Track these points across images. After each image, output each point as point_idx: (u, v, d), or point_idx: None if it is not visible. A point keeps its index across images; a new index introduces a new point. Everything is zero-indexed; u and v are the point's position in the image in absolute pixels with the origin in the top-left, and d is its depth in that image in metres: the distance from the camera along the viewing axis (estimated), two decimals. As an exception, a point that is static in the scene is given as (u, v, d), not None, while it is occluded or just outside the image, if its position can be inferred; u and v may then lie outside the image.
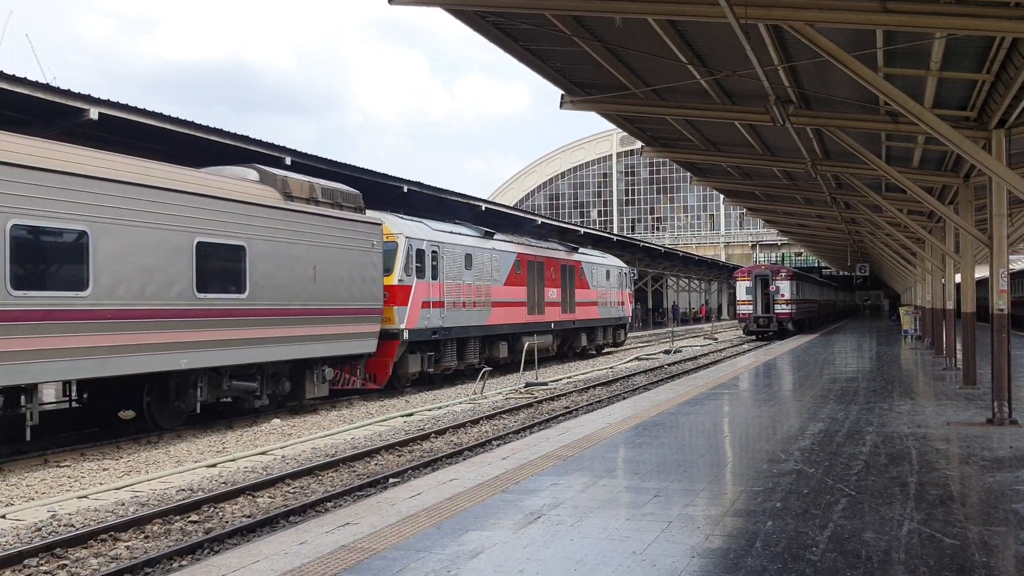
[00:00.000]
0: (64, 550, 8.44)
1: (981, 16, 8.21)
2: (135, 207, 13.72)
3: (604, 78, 12.99)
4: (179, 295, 14.58)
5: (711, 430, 11.64)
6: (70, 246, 12.77)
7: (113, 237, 13.26)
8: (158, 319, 14.14)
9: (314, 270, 17.74)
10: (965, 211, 16.09)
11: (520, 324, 27.85)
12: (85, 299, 12.86)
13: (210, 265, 15.23)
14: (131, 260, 13.62)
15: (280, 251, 16.84)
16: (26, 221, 12.05)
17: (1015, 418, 11.63)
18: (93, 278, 12.94)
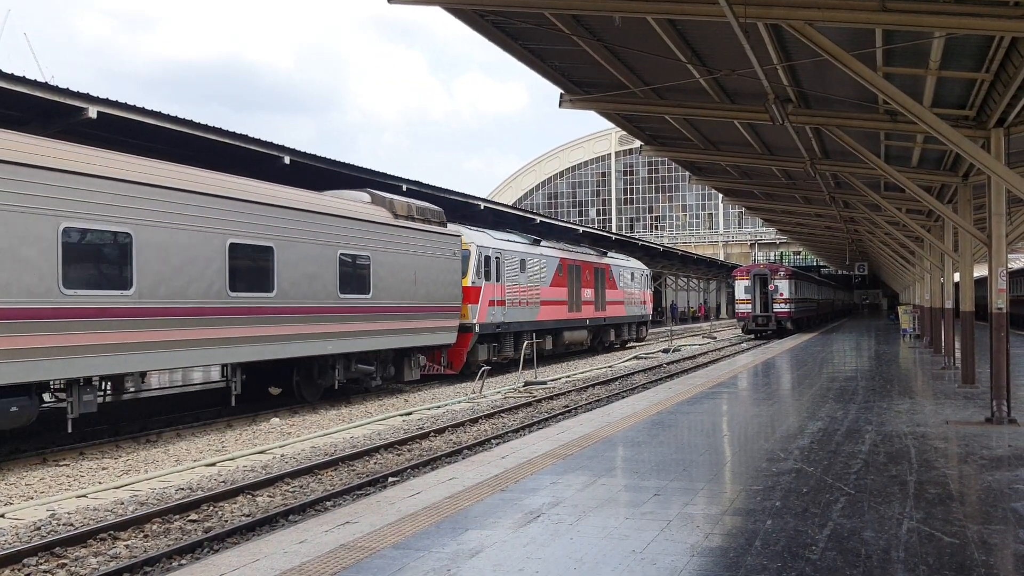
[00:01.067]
0: (63, 549, 8.44)
1: (980, 15, 8.22)
2: (306, 229, 17.80)
3: (603, 77, 12.99)
4: (327, 296, 18.36)
5: (710, 429, 11.64)
6: (263, 262, 16.68)
7: (290, 252, 17.34)
8: (316, 314, 18.06)
9: (415, 275, 21.58)
10: (964, 210, 16.10)
11: (562, 320, 31.69)
12: (273, 299, 16.89)
13: (348, 271, 19.08)
14: (300, 269, 17.63)
15: (392, 260, 20.71)
16: (239, 240, 16.04)
17: (1014, 417, 11.65)
18: (277, 283, 17.04)
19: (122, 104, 16.52)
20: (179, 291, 14.57)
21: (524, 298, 28.31)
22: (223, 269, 15.47)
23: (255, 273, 16.39)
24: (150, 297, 14.04)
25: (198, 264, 14.98)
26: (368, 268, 19.75)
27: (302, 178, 21.85)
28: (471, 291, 24.81)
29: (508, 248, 27.61)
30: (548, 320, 30.29)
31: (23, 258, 12.11)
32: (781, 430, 11.22)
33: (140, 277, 13.88)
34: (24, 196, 12.16)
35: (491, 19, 10.68)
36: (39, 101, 15.25)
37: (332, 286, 18.47)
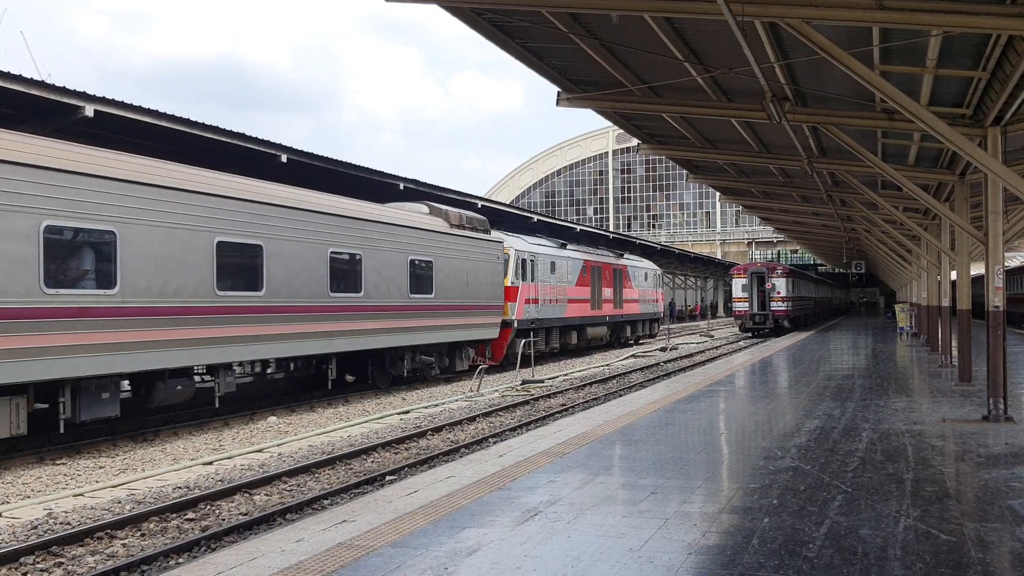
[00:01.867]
0: (60, 548, 8.43)
1: (977, 14, 8.22)
2: (385, 239, 20.75)
3: (601, 75, 12.99)
4: (401, 296, 21.30)
5: (707, 427, 11.65)
6: (354, 267, 19.61)
7: (373, 259, 20.23)
8: (392, 312, 20.95)
9: (467, 277, 24.36)
10: (961, 208, 16.12)
11: (586, 317, 34.54)
12: (361, 299, 19.75)
13: (416, 274, 21.99)
14: (380, 273, 20.40)
15: (449, 264, 23.52)
16: (337, 249, 19.04)
17: (1010, 415, 11.66)
18: (364, 285, 19.81)
19: (119, 103, 16.50)
20: (296, 292, 17.67)
21: (554, 297, 31.22)
22: (326, 273, 18.56)
23: (348, 276, 19.37)
24: (283, 297, 17.28)
25: (308, 270, 18.03)
26: (431, 271, 22.70)
27: (299, 177, 21.83)
28: (510, 291, 27.68)
29: (541, 252, 30.49)
30: (574, 317, 33.13)
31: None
32: (778, 428, 11.23)
33: (269, 278, 16.94)
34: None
35: (489, 17, 10.68)
36: (36, 100, 15.23)
37: (404, 287, 21.50)
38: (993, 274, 11.84)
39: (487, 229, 26.23)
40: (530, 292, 29.08)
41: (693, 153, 19.24)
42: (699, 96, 13.71)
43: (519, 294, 28.17)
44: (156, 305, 14.21)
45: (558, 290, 31.57)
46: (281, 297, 17.18)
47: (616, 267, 38.30)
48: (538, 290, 29.77)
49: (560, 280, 31.74)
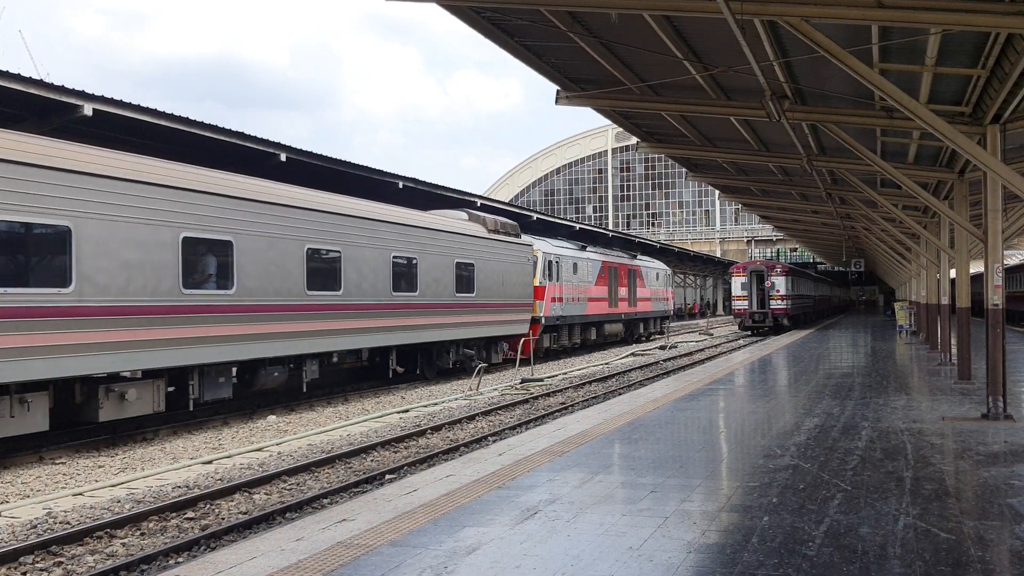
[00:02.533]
0: (60, 547, 8.43)
1: (976, 12, 8.22)
2: (435, 245, 23.17)
3: (600, 74, 12.98)
4: (449, 295, 23.70)
5: (707, 426, 11.65)
6: (412, 269, 22.02)
7: (426, 262, 22.66)
8: (441, 309, 23.39)
9: (502, 277, 26.88)
10: (960, 206, 16.11)
11: (604, 315, 36.84)
12: (416, 297, 22.06)
13: (461, 275, 24.44)
14: (435, 274, 23.11)
15: (488, 266, 26.01)
16: (399, 255, 21.49)
17: (1010, 413, 11.66)
18: (419, 286, 22.41)
19: (117, 101, 16.50)
20: (366, 292, 20.10)
21: (576, 295, 33.54)
22: (389, 275, 21.07)
23: (406, 278, 21.89)
24: (356, 296, 19.67)
25: (375, 273, 20.49)
26: (473, 273, 25.12)
27: (298, 176, 21.82)
28: (538, 290, 30.04)
29: (564, 254, 32.93)
30: (593, 314, 35.52)
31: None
32: (778, 427, 11.23)
33: (346, 280, 19.37)
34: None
35: (488, 16, 10.67)
36: (35, 99, 15.23)
37: (451, 287, 23.90)
38: (992, 272, 11.84)
39: (518, 233, 28.94)
40: (555, 291, 31.44)
41: (692, 151, 19.24)
42: (698, 94, 13.71)
43: (546, 293, 30.53)
44: (262, 303, 16.61)
45: (580, 289, 33.91)
46: (355, 296, 19.57)
47: (631, 267, 40.82)
48: (562, 289, 32.06)
49: (581, 280, 34.10)
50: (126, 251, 13.52)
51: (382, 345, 20.94)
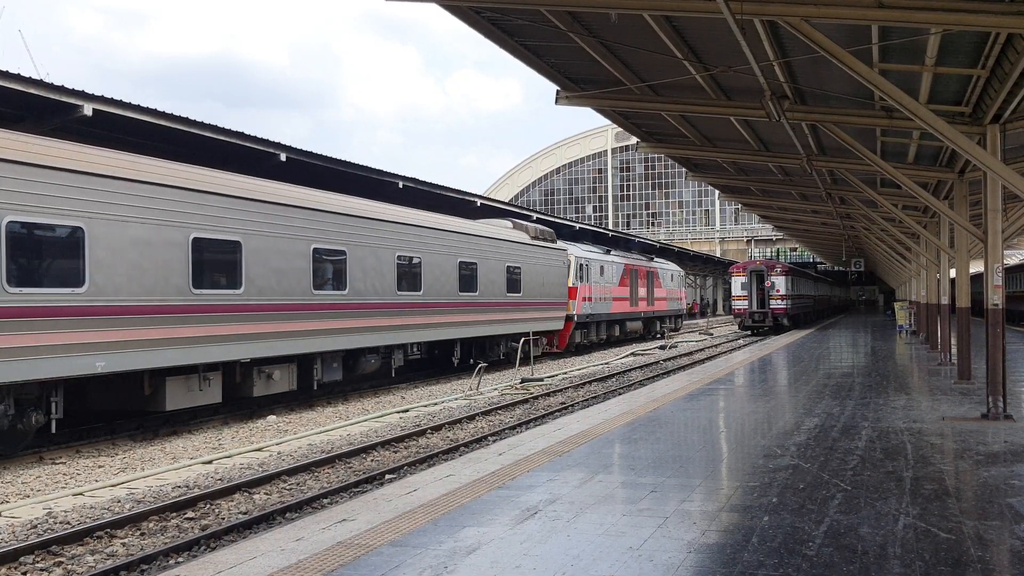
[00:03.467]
0: (60, 547, 8.43)
1: (976, 11, 8.22)
2: (492, 251, 26.48)
3: (599, 74, 12.98)
4: (501, 294, 27.01)
5: (707, 425, 11.65)
6: (473, 272, 25.16)
7: (485, 266, 25.93)
8: (495, 307, 26.56)
9: (543, 279, 30.08)
10: (960, 206, 16.11)
11: (626, 313, 39.91)
12: (477, 296, 25.38)
13: (511, 278, 27.77)
14: (490, 277, 26.04)
15: (531, 269, 29.30)
16: (465, 259, 24.88)
17: (1009, 413, 11.67)
18: (479, 286, 25.45)
19: (117, 101, 16.50)
20: (441, 292, 23.26)
21: (602, 295, 36.62)
22: (456, 278, 24.25)
23: (470, 280, 24.99)
24: (433, 295, 22.93)
25: (447, 276, 23.75)
26: (519, 275, 28.35)
27: (298, 176, 21.82)
28: (571, 290, 32.96)
29: (593, 257, 35.95)
30: (617, 312, 38.68)
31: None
32: (778, 426, 11.23)
33: (425, 283, 22.67)
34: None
35: (487, 16, 10.67)
36: (34, 99, 15.22)
37: (503, 288, 27.15)
38: (992, 272, 11.84)
39: (554, 239, 32.16)
40: (586, 292, 34.60)
41: (692, 151, 19.24)
42: (698, 94, 13.71)
43: (578, 293, 33.62)
44: (366, 302, 20.09)
45: (605, 290, 37.06)
46: (432, 296, 22.95)
47: (649, 269, 44.05)
48: (591, 290, 35.22)
49: (607, 281, 37.27)
50: (276, 261, 17.00)
51: (451, 338, 24.31)
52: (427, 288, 22.59)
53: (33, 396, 12.65)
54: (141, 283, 13.86)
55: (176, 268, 14.52)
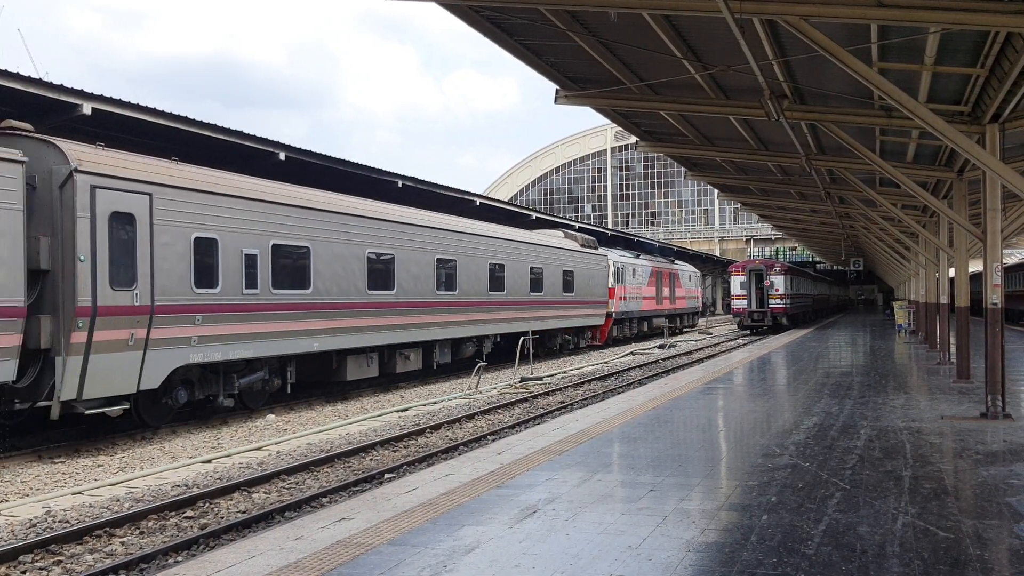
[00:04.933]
0: (59, 546, 8.43)
1: (975, 11, 8.22)
2: (553, 257, 31.69)
3: (598, 73, 12.98)
4: (558, 294, 31.87)
5: (706, 424, 11.65)
6: (539, 276, 30.21)
7: (548, 272, 31.01)
8: (554, 305, 31.53)
9: (589, 281, 35.04)
10: (959, 205, 16.11)
11: (653, 310, 44.73)
12: (542, 296, 30.28)
13: (565, 279, 32.59)
14: (551, 279, 31.23)
15: (581, 272, 34.25)
16: (536, 265, 30.20)
17: (1008, 412, 11.67)
18: (544, 287, 30.46)
19: (117, 100, 16.50)
20: (518, 292, 28.39)
21: (634, 295, 41.39)
22: (528, 280, 29.20)
23: (537, 282, 30.13)
24: (514, 295, 28.13)
25: (522, 278, 28.75)
26: (572, 277, 33.32)
27: (296, 175, 21.82)
28: (610, 291, 37.80)
29: (627, 262, 40.87)
30: (646, 310, 43.49)
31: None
32: (777, 425, 11.23)
33: (508, 284, 27.97)
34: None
35: (487, 15, 10.67)
36: (34, 98, 15.22)
37: (560, 288, 32.05)
38: (991, 271, 11.85)
39: (596, 246, 37.52)
40: (622, 292, 39.41)
41: (691, 150, 19.25)
42: (697, 94, 13.71)
43: (615, 293, 38.37)
44: (472, 300, 25.08)
45: (636, 290, 41.79)
46: (511, 296, 28.01)
47: (671, 271, 48.47)
48: (626, 290, 40.02)
49: (638, 282, 42.06)
50: (415, 269, 22.06)
51: (524, 330, 28.31)
52: (508, 289, 27.78)
53: (276, 367, 17.66)
54: (339, 286, 18.94)
55: (358, 274, 19.63)
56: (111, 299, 13.43)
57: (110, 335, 13.41)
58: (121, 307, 13.63)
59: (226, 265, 15.75)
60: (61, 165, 12.98)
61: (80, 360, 12.92)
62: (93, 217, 13.16)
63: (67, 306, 12.88)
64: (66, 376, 12.72)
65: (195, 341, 15.03)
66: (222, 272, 15.67)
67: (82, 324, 12.93)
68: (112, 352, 13.42)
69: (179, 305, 14.73)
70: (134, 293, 13.87)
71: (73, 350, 12.81)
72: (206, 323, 15.27)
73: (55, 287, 12.93)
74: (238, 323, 15.96)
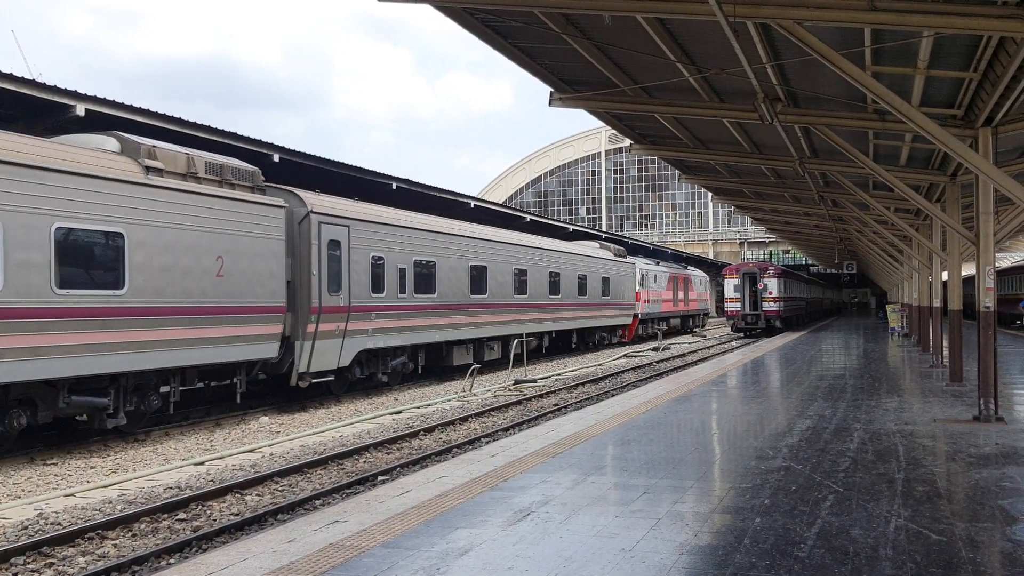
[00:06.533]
0: (51, 548, 8.40)
1: (968, 15, 8.24)
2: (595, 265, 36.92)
3: (593, 75, 12.99)
4: (599, 297, 37.19)
5: (699, 427, 11.66)
6: (583, 281, 35.41)
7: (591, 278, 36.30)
8: (595, 307, 36.56)
9: (622, 285, 40.39)
10: (952, 209, 16.16)
11: (670, 311, 49.84)
12: (586, 299, 35.40)
13: (604, 286, 37.89)
14: (593, 284, 36.37)
15: (615, 278, 39.26)
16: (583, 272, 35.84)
17: (1001, 415, 11.70)
18: (588, 291, 35.67)
19: (110, 102, 16.46)
20: (570, 295, 33.79)
21: (655, 298, 46.43)
22: (576, 284, 34.47)
23: (583, 286, 35.24)
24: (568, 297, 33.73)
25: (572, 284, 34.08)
26: (609, 283, 38.64)
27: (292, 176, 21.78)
28: (637, 294, 42.89)
29: (650, 268, 45.79)
30: (664, 311, 48.53)
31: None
32: (770, 428, 11.25)
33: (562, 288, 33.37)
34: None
35: (481, 17, 10.66)
36: (27, 98, 15.18)
37: (600, 292, 37.41)
38: (984, 275, 11.88)
39: (626, 255, 43.00)
40: (646, 295, 44.36)
41: (685, 153, 19.26)
42: (691, 96, 13.72)
43: (641, 296, 43.36)
44: (534, 302, 30.22)
45: (657, 294, 46.69)
46: (565, 299, 33.25)
47: (685, 277, 53.40)
48: (649, 294, 44.95)
49: (658, 287, 46.95)
50: (502, 277, 27.49)
51: (572, 328, 34.38)
52: (562, 294, 33.02)
53: (411, 353, 22.74)
54: (452, 290, 24.20)
55: (463, 282, 24.98)
56: (328, 301, 18.54)
57: (327, 327, 18.49)
58: (334, 307, 18.75)
59: (389, 276, 21.14)
60: (300, 208, 18.03)
61: (310, 344, 17.92)
62: (320, 244, 18.25)
63: (304, 306, 17.87)
64: (302, 355, 17.73)
65: (370, 332, 20.24)
66: (386, 281, 21.00)
67: (313, 319, 17.95)
68: (328, 339, 18.53)
69: (363, 306, 19.94)
70: (340, 297, 18.96)
71: (307, 336, 17.84)
72: (377, 319, 20.53)
73: (296, 293, 17.82)
74: (394, 319, 21.35)
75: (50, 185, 12.34)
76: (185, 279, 14.82)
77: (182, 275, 14.76)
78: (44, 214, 12.27)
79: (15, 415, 12.46)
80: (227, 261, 15.73)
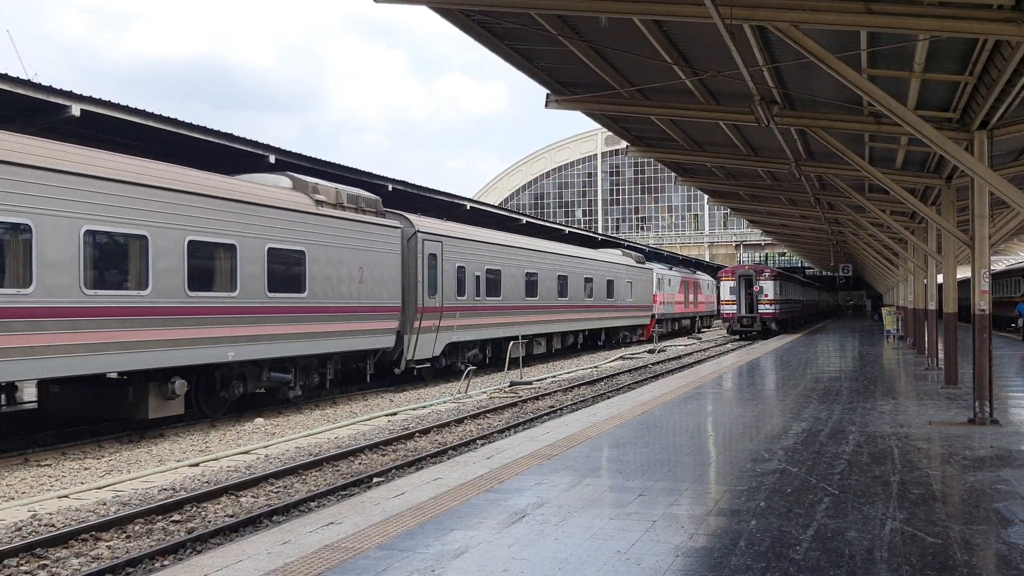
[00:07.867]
0: (45, 550, 8.37)
1: (964, 18, 8.26)
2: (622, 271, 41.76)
3: (589, 77, 12.99)
4: (623, 299, 41.34)
5: (695, 429, 11.66)
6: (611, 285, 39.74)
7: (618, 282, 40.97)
8: (615, 308, 40.46)
9: (641, 289, 44.30)
10: (947, 212, 16.19)
11: (681, 313, 53.80)
12: (614, 301, 40.09)
13: (628, 289, 42.13)
14: (619, 287, 41.03)
15: (636, 283, 43.63)
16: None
17: (996, 418, 11.72)
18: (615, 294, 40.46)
19: (106, 102, 16.41)
20: (597, 297, 37.44)
21: (669, 300, 50.08)
22: (605, 288, 38.56)
23: (611, 291, 39.32)
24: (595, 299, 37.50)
25: (601, 288, 37.81)
26: (632, 287, 42.55)
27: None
28: (654, 297, 46.45)
29: (664, 273, 49.36)
30: (677, 312, 52.43)
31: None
32: (765, 431, 11.25)
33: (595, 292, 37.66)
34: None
35: (477, 19, 10.66)
36: (22, 99, 15.12)
37: (625, 295, 41.35)
38: (979, 277, 11.90)
39: (644, 261, 47.32)
40: (662, 297, 48.03)
41: (681, 156, 19.28)
42: (687, 99, 13.73)
43: (657, 298, 46.92)
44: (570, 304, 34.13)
45: (671, 296, 50.39)
46: (596, 300, 37.07)
47: (694, 280, 57.27)
48: (664, 296, 48.55)
49: (672, 289, 50.53)
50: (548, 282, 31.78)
51: (600, 327, 38.54)
52: (594, 296, 36.92)
53: (481, 347, 26.99)
54: (513, 294, 28.66)
55: (521, 286, 29.29)
56: (428, 303, 22.97)
57: (428, 323, 22.99)
58: (432, 308, 23.26)
59: (468, 282, 25.32)
60: (409, 227, 22.54)
61: (415, 337, 22.46)
62: (423, 257, 22.83)
63: (411, 306, 22.29)
64: (408, 346, 22.22)
65: (456, 328, 24.53)
66: (467, 286, 25.21)
67: (417, 317, 22.41)
68: (427, 333, 23.07)
69: (452, 307, 24.24)
70: (436, 299, 23.37)
71: (413, 331, 22.33)
72: (460, 318, 24.77)
73: (405, 296, 22.12)
74: (472, 318, 25.51)
75: (263, 217, 16.98)
76: (340, 285, 19.28)
77: (339, 282, 19.22)
78: (260, 239, 16.87)
79: (235, 386, 16.91)
80: (365, 271, 20.26)
